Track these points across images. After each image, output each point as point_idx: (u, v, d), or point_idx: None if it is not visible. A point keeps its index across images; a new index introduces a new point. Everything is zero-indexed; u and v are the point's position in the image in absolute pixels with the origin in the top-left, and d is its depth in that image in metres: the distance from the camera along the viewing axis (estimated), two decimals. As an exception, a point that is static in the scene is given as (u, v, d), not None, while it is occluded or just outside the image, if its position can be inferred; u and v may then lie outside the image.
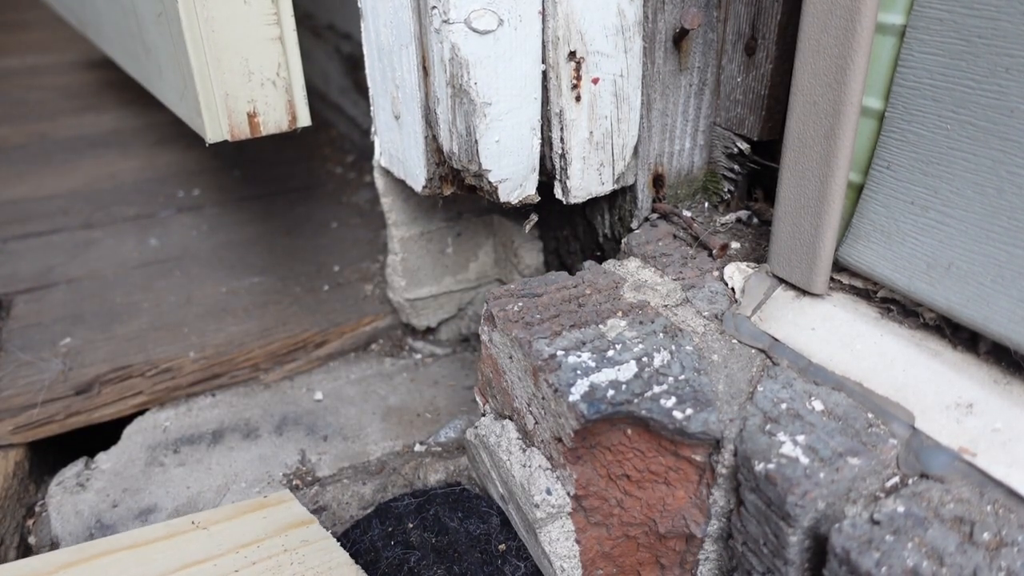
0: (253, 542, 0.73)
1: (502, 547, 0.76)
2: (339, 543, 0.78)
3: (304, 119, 0.89)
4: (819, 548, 0.54)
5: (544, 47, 0.75)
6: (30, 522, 0.85)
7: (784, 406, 0.60)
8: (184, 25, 0.79)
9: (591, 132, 0.79)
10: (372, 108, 0.92)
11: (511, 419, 0.75)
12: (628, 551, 0.71)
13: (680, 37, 0.78)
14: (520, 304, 0.72)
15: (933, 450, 0.53)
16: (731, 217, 0.84)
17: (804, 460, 0.54)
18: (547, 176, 0.83)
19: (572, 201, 0.83)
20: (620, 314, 0.70)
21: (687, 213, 0.84)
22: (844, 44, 0.57)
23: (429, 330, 1.14)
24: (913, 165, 0.58)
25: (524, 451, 0.72)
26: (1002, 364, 0.56)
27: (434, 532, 0.78)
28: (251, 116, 0.86)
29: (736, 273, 0.73)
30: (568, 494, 0.67)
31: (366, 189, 1.57)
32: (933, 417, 0.55)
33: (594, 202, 0.91)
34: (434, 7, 0.70)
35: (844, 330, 0.63)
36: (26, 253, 1.31)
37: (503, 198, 0.80)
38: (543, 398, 0.65)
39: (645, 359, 0.64)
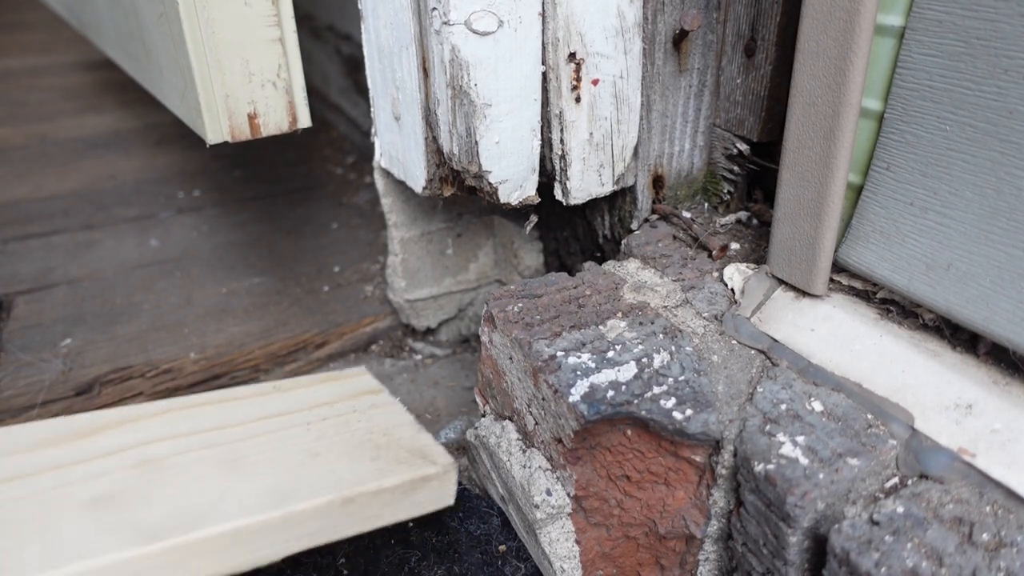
0: (326, 403, 0.80)
1: (502, 548, 0.76)
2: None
3: (304, 120, 0.89)
4: (819, 549, 0.54)
5: (544, 48, 0.75)
6: (31, 523, 0.85)
7: (784, 407, 0.60)
8: (185, 26, 0.79)
9: (591, 133, 0.79)
10: (372, 109, 0.92)
11: (511, 420, 0.75)
12: (628, 552, 0.71)
13: (680, 38, 0.78)
14: (520, 305, 0.72)
15: (932, 451, 0.54)
16: (731, 218, 0.84)
17: (804, 461, 0.54)
18: (547, 177, 0.83)
19: (572, 202, 0.83)
20: (620, 315, 0.70)
21: (687, 214, 0.84)
22: (843, 45, 0.57)
23: (429, 331, 1.14)
24: (912, 166, 0.58)
25: (524, 452, 0.72)
26: (1001, 365, 0.56)
27: (434, 532, 0.78)
28: (252, 117, 0.86)
29: (736, 274, 0.73)
30: (568, 495, 0.68)
31: (366, 190, 1.57)
32: (932, 418, 0.55)
33: (594, 203, 0.91)
34: (434, 8, 0.70)
35: (843, 331, 0.63)
36: (27, 254, 1.31)
37: (503, 199, 0.80)
38: (543, 399, 0.65)
39: (645, 360, 0.65)
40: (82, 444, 0.67)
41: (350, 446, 0.71)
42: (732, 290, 0.72)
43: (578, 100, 0.77)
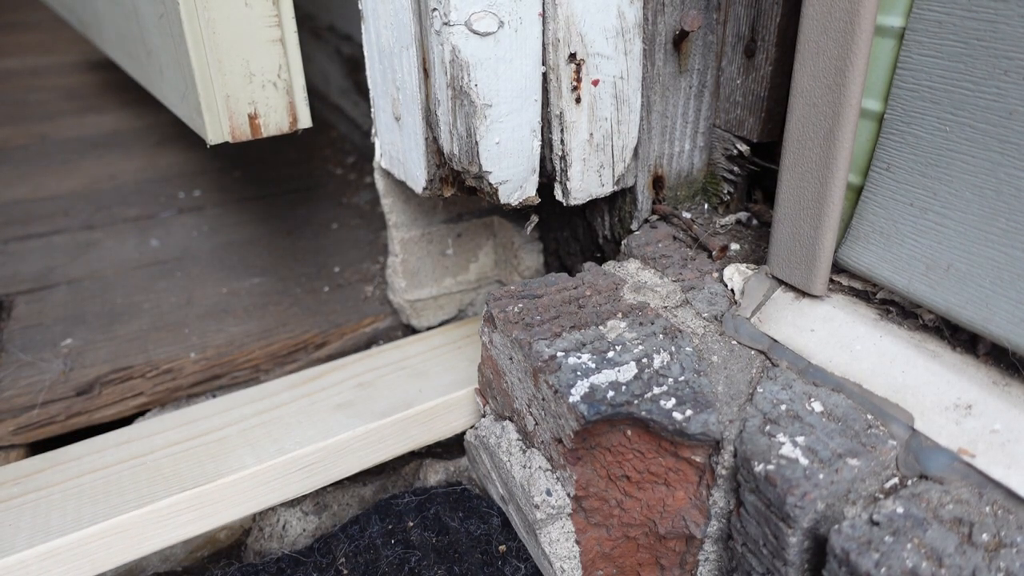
0: (441, 344, 1.05)
1: (503, 548, 0.76)
2: (337, 537, 0.79)
3: (305, 120, 0.89)
4: (818, 549, 0.54)
5: (544, 49, 0.75)
6: (31, 522, 0.85)
7: (784, 407, 0.60)
8: (185, 27, 0.79)
9: (591, 134, 0.79)
10: (372, 109, 0.92)
11: (511, 420, 0.75)
12: (628, 552, 0.71)
13: (680, 39, 0.78)
14: (520, 305, 0.72)
15: (932, 451, 0.54)
16: (731, 219, 0.84)
17: (804, 461, 0.54)
18: (547, 178, 0.83)
19: (572, 203, 0.83)
20: (620, 315, 0.70)
21: (687, 215, 0.84)
22: (844, 46, 0.57)
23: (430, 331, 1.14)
24: (912, 167, 0.58)
25: (524, 452, 0.72)
26: (1001, 365, 0.56)
27: (435, 532, 0.78)
28: (252, 117, 0.86)
29: (736, 274, 0.73)
30: (568, 495, 0.68)
31: (366, 190, 1.57)
32: (932, 418, 0.55)
33: (594, 204, 0.91)
34: (435, 9, 0.70)
35: (843, 331, 0.63)
36: (27, 254, 1.31)
37: (503, 200, 0.80)
38: (543, 399, 0.65)
39: (645, 360, 0.65)
40: (316, 383, 0.94)
41: (461, 364, 0.98)
42: (732, 290, 0.72)
43: (578, 101, 0.77)
